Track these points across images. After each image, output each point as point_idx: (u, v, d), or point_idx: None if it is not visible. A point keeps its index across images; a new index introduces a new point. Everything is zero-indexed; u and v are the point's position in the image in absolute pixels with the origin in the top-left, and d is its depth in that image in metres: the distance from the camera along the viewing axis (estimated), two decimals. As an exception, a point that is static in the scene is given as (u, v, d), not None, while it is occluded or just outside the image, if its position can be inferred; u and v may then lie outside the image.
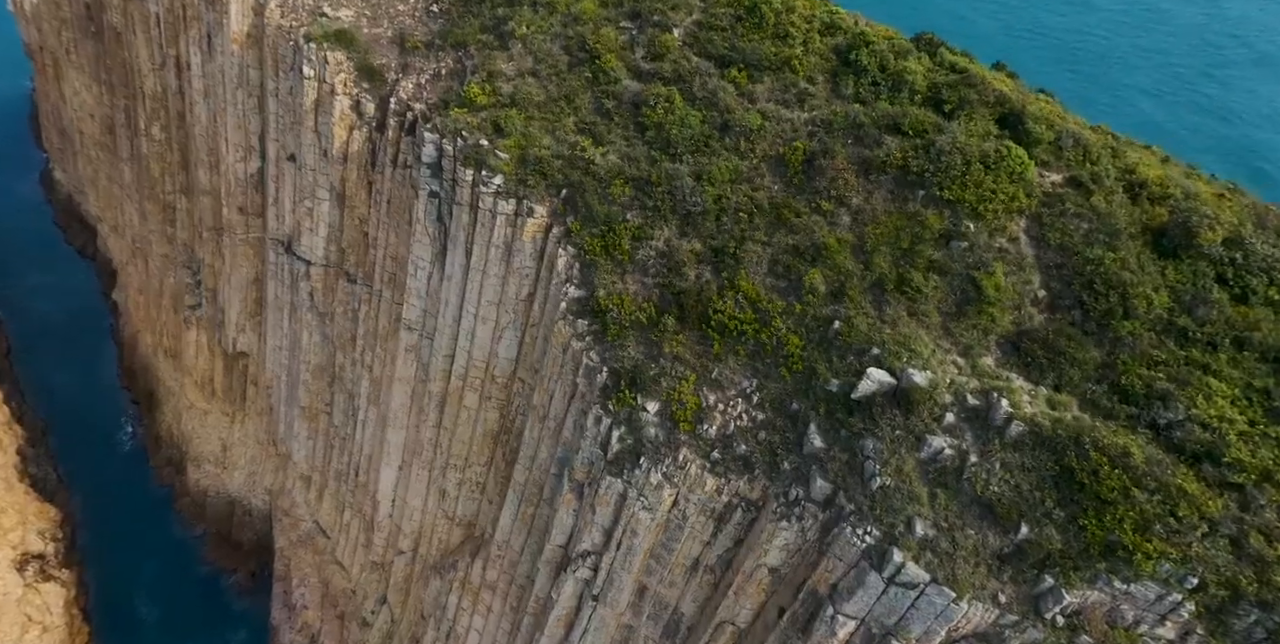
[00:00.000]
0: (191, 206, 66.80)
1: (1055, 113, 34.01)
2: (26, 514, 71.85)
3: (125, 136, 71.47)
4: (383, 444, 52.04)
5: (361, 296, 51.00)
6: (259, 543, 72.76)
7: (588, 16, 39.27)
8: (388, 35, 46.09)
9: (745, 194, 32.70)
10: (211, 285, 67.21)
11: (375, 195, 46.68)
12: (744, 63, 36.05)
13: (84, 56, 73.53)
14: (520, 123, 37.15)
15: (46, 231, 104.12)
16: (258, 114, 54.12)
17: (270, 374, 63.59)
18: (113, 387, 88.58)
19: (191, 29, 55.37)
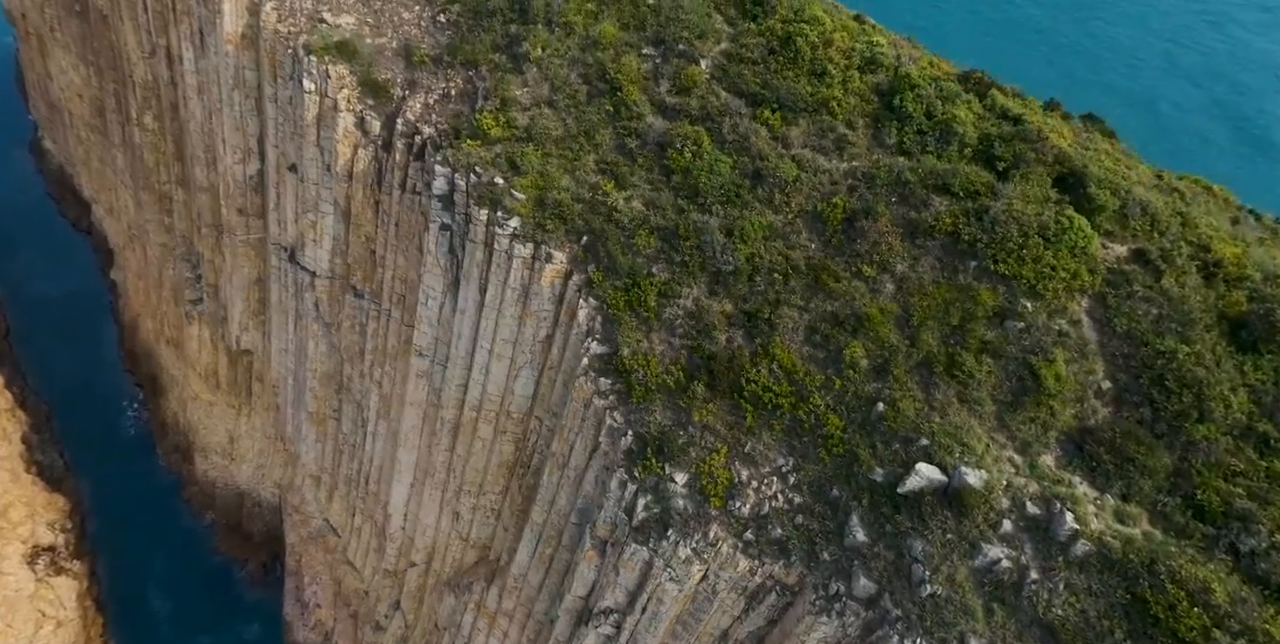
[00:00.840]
0: (189, 199, 64.68)
1: (1118, 172, 31.63)
2: (35, 506, 71.54)
3: (116, 122, 68.90)
4: (394, 460, 51.27)
5: (369, 312, 49.56)
6: (270, 534, 72.70)
7: (607, 41, 36.87)
8: (392, 46, 43.60)
9: (780, 252, 30.97)
10: (212, 281, 65.59)
11: (382, 215, 44.87)
12: (777, 102, 33.80)
13: (69, 35, 70.42)
14: (537, 160, 35.20)
15: (38, 203, 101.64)
16: (255, 116, 51.81)
17: (276, 374, 62.52)
18: (115, 368, 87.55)
19: (182, 23, 52.62)
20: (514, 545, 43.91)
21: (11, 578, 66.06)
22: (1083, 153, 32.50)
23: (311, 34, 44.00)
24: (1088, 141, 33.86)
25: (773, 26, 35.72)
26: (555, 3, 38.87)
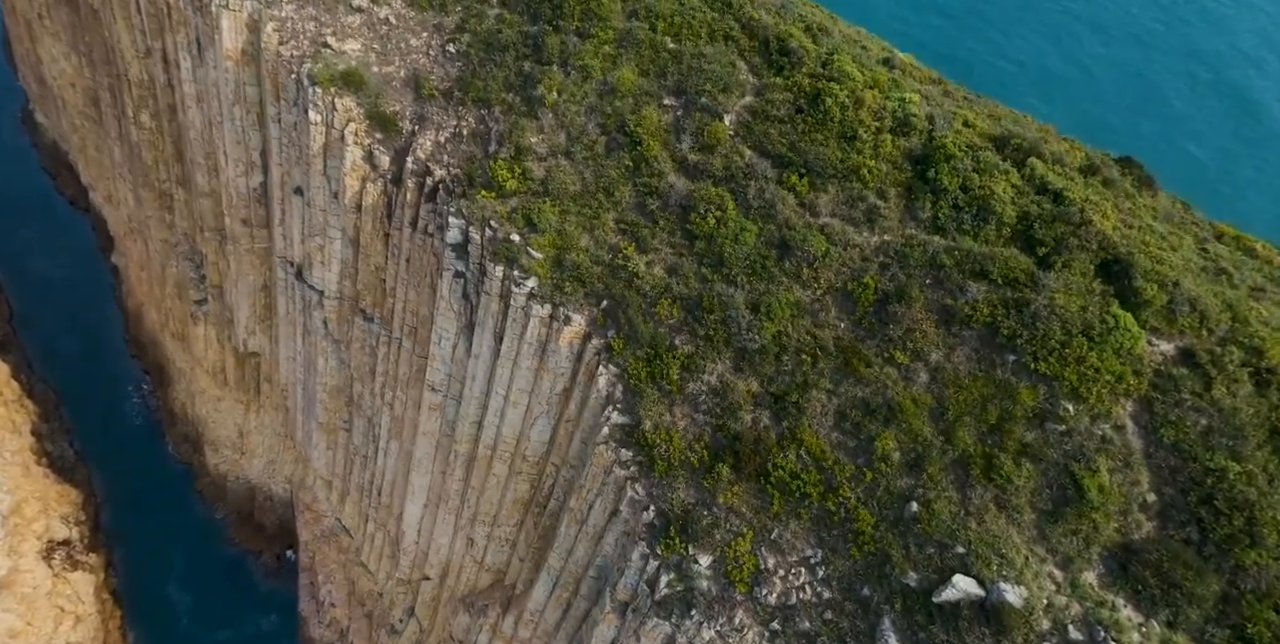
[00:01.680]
0: (190, 199, 63.44)
1: (1164, 259, 30.11)
2: (48, 500, 72.06)
3: (112, 116, 67.12)
4: (406, 480, 51.36)
5: (380, 337, 49.02)
6: (283, 526, 73.44)
7: (626, 88, 35.46)
8: (400, 76, 42.07)
9: (808, 331, 30.29)
10: (217, 282, 64.80)
11: (392, 248, 43.97)
12: (805, 167, 32.59)
13: (59, 24, 68.09)
14: (554, 217, 34.25)
15: (33, 178, 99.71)
16: (258, 130, 50.37)
17: (285, 379, 62.24)
18: (120, 353, 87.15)
19: (179, 32, 50.73)
20: (530, 578, 44.28)
21: (29, 575, 66.89)
22: (1126, 235, 31.10)
23: (315, 61, 42.42)
24: (1130, 212, 32.43)
25: (800, 81, 34.18)
26: (571, 43, 37.32)
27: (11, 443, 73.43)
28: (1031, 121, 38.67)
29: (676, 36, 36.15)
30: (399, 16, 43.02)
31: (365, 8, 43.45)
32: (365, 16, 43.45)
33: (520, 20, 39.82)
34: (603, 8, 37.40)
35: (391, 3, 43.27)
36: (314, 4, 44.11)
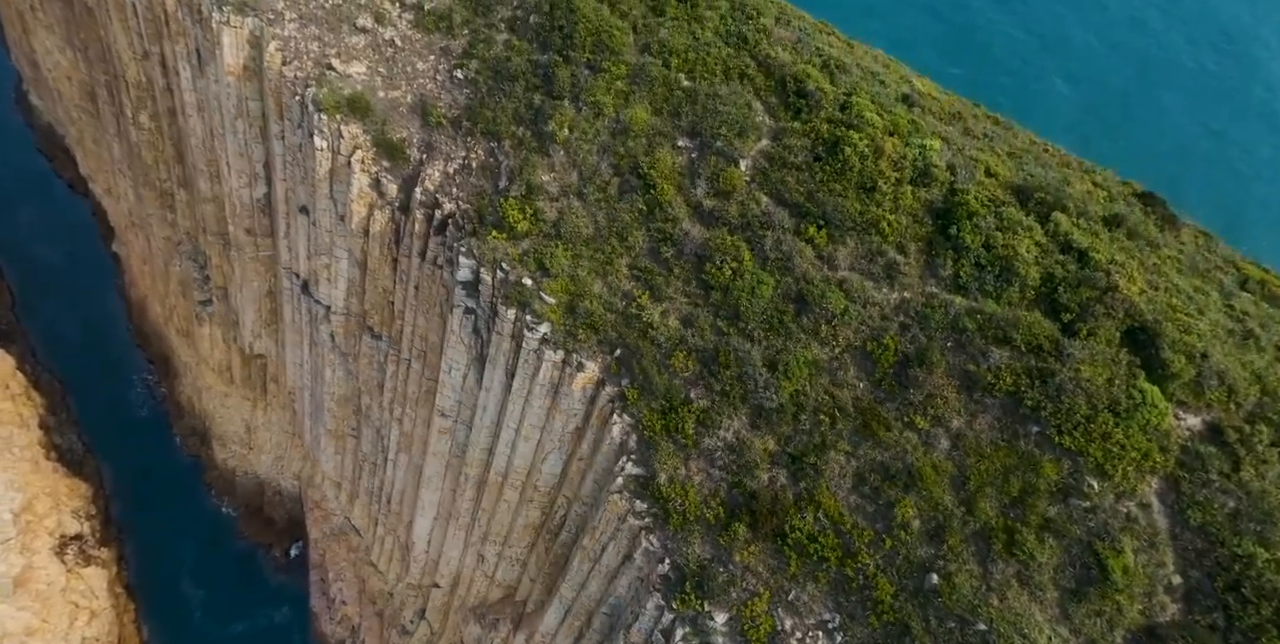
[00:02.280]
0: (192, 201, 62.69)
1: (1191, 327, 29.58)
2: (59, 495, 72.58)
3: (110, 113, 65.95)
4: (416, 494, 51.67)
5: (388, 354, 48.88)
6: (292, 520, 74.10)
7: (639, 127, 34.72)
8: (406, 101, 41.22)
9: (826, 390, 30.09)
10: (221, 284, 64.40)
11: (400, 274, 43.57)
12: (823, 218, 32.02)
13: (52, 17, 66.57)
14: (567, 262, 33.86)
15: (29, 159, 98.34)
16: (260, 144, 49.60)
17: (292, 383, 62.25)
18: (124, 341, 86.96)
19: (177, 42, 49.58)
20: (542, 599, 44.81)
21: (43, 572, 67.64)
22: (1153, 298, 30.52)
23: (320, 85, 41.55)
24: (1156, 269, 31.73)
25: (818, 127, 33.42)
26: (582, 76, 36.48)
27: (20, 438, 73.70)
28: (1054, 154, 37.99)
29: (691, 73, 35.30)
30: (405, 38, 42.01)
31: (370, 28, 42.41)
32: (370, 37, 42.43)
33: (529, 48, 38.89)
34: (614, 40, 36.47)
35: (397, 24, 42.22)
36: (317, 23, 43.05)
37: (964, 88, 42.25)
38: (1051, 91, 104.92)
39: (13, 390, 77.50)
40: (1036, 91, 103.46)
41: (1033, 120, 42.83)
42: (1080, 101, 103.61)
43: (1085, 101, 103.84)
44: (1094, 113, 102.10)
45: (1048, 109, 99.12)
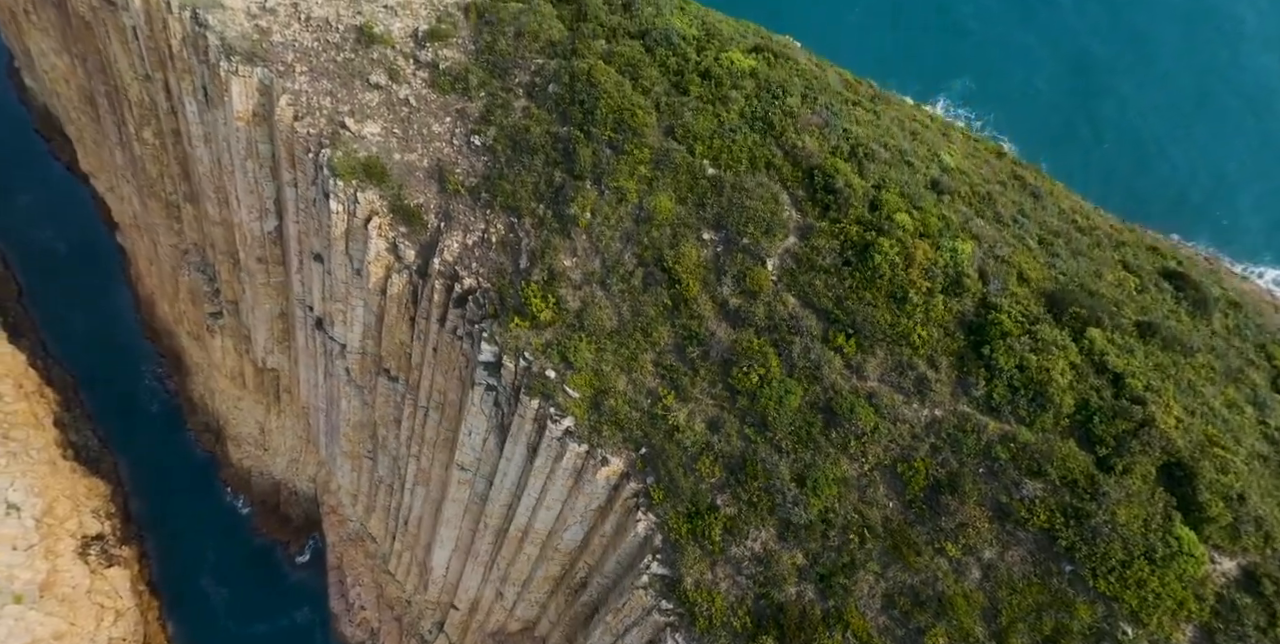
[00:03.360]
0: (199, 216, 61.94)
1: (1228, 464, 29.53)
2: (78, 496, 73.79)
3: (111, 122, 64.53)
4: (435, 526, 52.51)
5: (405, 397, 49.05)
6: (308, 518, 75.48)
7: (663, 216, 34.18)
8: (423, 165, 40.46)
9: (856, 508, 30.35)
10: (231, 298, 64.12)
11: (418, 332, 43.40)
12: (852, 327, 31.73)
13: (48, 21, 64.48)
14: (591, 356, 33.83)
15: (26, 139, 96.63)
16: (271, 181, 48.85)
17: (306, 400, 62.58)
18: (132, 331, 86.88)
19: (183, 79, 48.26)
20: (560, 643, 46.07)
21: (67, 575, 69.28)
22: (1189, 428, 30.28)
23: (335, 146, 40.72)
24: (1190, 388, 31.45)
25: (847, 229, 32.82)
26: (604, 156, 35.74)
27: (37, 439, 74.49)
28: (1082, 222, 37.52)
29: (716, 161, 34.57)
30: (419, 97, 40.96)
31: (384, 85, 41.32)
32: (384, 94, 41.37)
33: (549, 118, 37.98)
34: (636, 119, 35.60)
35: (411, 82, 41.11)
36: (329, 77, 41.93)
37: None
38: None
39: (26, 389, 77.94)
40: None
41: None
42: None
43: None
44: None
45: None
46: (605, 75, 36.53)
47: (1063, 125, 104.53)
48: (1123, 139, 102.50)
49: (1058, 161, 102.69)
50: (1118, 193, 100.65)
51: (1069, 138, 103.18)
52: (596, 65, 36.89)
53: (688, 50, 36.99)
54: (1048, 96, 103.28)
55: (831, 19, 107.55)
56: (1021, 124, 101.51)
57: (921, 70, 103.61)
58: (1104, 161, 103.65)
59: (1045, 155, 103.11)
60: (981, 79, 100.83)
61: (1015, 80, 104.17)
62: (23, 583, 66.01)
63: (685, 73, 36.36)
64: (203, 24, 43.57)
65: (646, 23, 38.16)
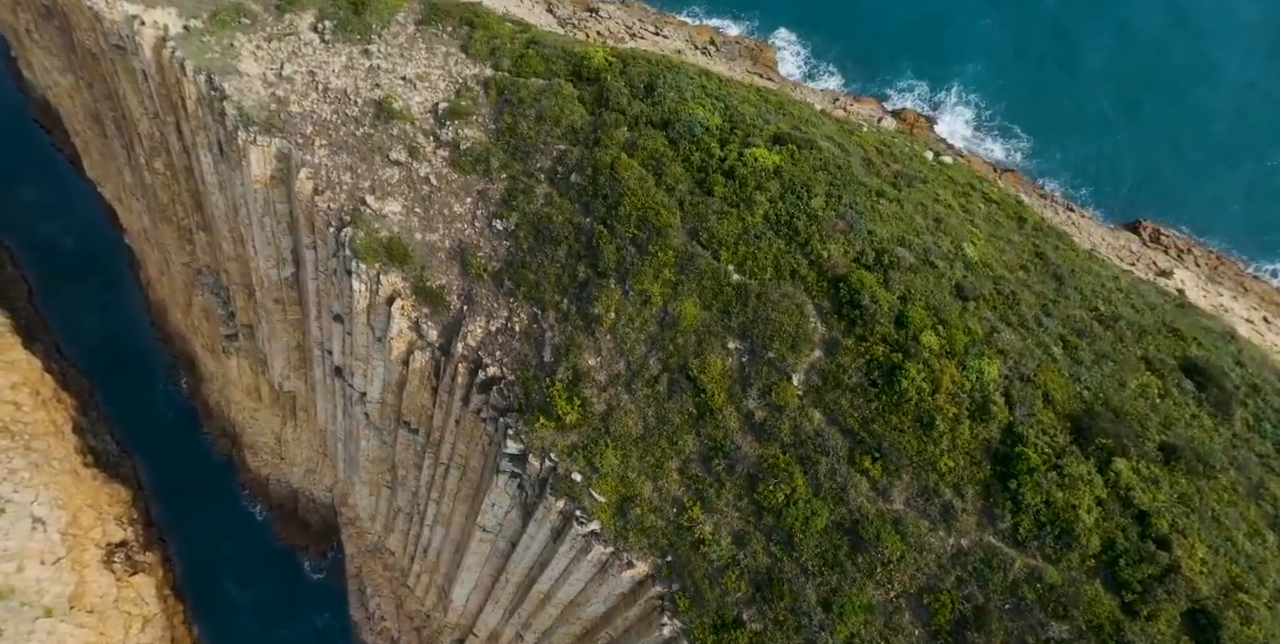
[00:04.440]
0: (212, 242, 61.79)
1: (1252, 612, 29.83)
2: (100, 504, 75.35)
3: (120, 145, 63.80)
4: (456, 565, 53.84)
5: (425, 449, 49.79)
6: (327, 524, 77.15)
7: (688, 323, 34.38)
8: (445, 246, 40.47)
9: (882, 635, 31.19)
10: (247, 321, 64.40)
11: (441, 403, 43.87)
12: (879, 450, 32.18)
13: (51, 42, 63.17)
14: (617, 461, 34.49)
15: (25, 129, 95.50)
16: (289, 235, 48.73)
17: (323, 424, 63.40)
18: (144, 331, 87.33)
19: (198, 134, 47.71)
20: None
21: (94, 585, 71.28)
22: (1213, 569, 30.72)
23: (356, 225, 40.64)
24: (1214, 521, 31.87)
25: (873, 349, 33.00)
26: (628, 255, 35.77)
27: (57, 449, 75.69)
28: (1102, 291, 37.80)
29: (741, 267, 34.61)
30: (439, 176, 40.66)
31: (404, 162, 40.98)
32: (404, 171, 41.07)
33: (571, 207, 37.83)
34: (661, 219, 35.50)
35: (431, 160, 40.75)
36: (349, 151, 41.57)
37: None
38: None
39: (43, 395, 78.79)
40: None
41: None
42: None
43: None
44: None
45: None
46: (629, 170, 36.28)
47: (1075, 114, 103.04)
48: (1137, 129, 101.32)
49: (1070, 151, 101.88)
50: (1129, 184, 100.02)
51: (1082, 127, 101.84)
52: (620, 158, 36.61)
53: (711, 144, 36.64)
54: (1061, 84, 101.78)
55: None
56: (1033, 113, 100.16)
57: (936, 52, 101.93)
58: (1117, 152, 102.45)
59: (1057, 145, 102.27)
60: (994, 64, 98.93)
61: (1028, 68, 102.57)
62: (53, 596, 67.96)
63: (709, 171, 36.09)
64: (218, 89, 42.97)
65: (669, 111, 37.69)
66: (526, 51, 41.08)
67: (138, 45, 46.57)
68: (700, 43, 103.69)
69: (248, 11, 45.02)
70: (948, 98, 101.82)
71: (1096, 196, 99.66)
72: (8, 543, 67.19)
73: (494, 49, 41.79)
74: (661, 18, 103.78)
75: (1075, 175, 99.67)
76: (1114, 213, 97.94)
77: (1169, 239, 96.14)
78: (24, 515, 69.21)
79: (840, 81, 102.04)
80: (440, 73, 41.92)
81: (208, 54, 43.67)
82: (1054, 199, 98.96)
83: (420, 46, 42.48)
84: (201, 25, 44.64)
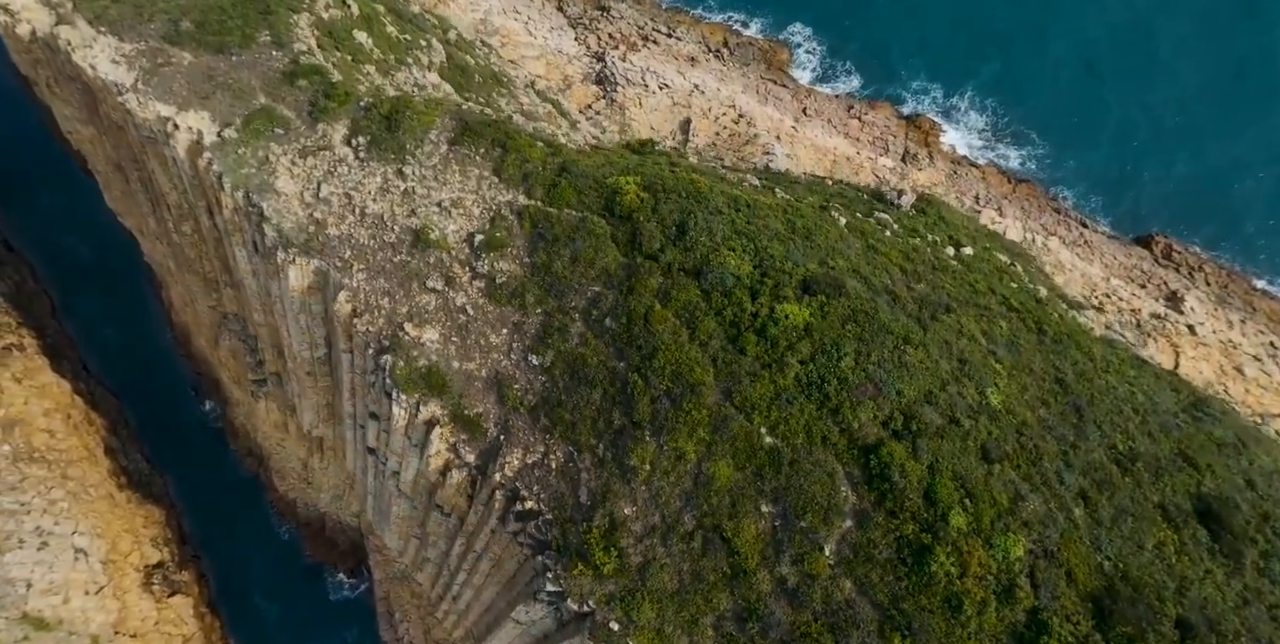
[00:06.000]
0: (240, 298, 62.80)
1: None
2: (136, 528, 78.27)
3: (144, 198, 64.11)
4: (488, 635, 56.57)
5: (459, 533, 51.84)
6: (354, 544, 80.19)
7: (721, 483, 35.99)
8: (482, 375, 41.78)
9: None
10: (276, 371, 65.88)
11: (476, 512, 45.67)
12: (908, 628, 34.00)
13: (72, 98, 62.84)
14: (653, 615, 36.49)
15: (37, 135, 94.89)
16: (322, 327, 49.87)
17: (352, 473, 65.44)
18: (168, 343, 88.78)
19: (234, 234, 48.39)
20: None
21: (136, 609, 74.70)
22: None
23: (396, 354, 41.86)
24: None
25: (903, 527, 34.62)
26: (662, 409, 37.15)
27: (92, 475, 78.17)
28: (1130, 429, 39.00)
29: (774, 430, 35.99)
30: (476, 306, 41.67)
31: (440, 290, 41.92)
32: (440, 299, 42.04)
33: (606, 350, 39.02)
34: (694, 375, 36.75)
35: (468, 290, 41.68)
36: (386, 277, 42.48)
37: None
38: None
39: (75, 419, 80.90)
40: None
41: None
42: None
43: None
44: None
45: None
46: (663, 323, 37.35)
47: (1089, 123, 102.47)
48: (1150, 139, 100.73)
49: (1084, 159, 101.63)
50: (1140, 196, 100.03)
51: (1097, 133, 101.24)
52: (654, 309, 37.63)
53: (743, 298, 37.59)
54: (1077, 89, 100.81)
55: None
56: (1049, 118, 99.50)
57: (950, 56, 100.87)
58: (1128, 162, 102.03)
59: (1072, 153, 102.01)
60: (1011, 65, 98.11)
61: (1044, 71, 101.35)
62: (98, 625, 71.36)
63: (741, 328, 37.16)
64: (256, 207, 43.58)
65: (701, 257, 38.49)
66: (559, 180, 41.58)
67: (172, 147, 46.92)
68: (713, 44, 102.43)
69: (280, 118, 45.27)
70: (961, 102, 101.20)
71: (1110, 206, 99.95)
72: (53, 576, 70.18)
73: (526, 174, 42.27)
74: (673, 16, 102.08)
75: (1090, 185, 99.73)
76: (1127, 224, 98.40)
77: (1180, 255, 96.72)
78: (66, 547, 72.08)
79: (857, 83, 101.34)
80: (474, 198, 42.50)
81: (244, 169, 44.12)
82: (1067, 214, 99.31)
83: (454, 168, 42.93)
84: (235, 134, 44.96)
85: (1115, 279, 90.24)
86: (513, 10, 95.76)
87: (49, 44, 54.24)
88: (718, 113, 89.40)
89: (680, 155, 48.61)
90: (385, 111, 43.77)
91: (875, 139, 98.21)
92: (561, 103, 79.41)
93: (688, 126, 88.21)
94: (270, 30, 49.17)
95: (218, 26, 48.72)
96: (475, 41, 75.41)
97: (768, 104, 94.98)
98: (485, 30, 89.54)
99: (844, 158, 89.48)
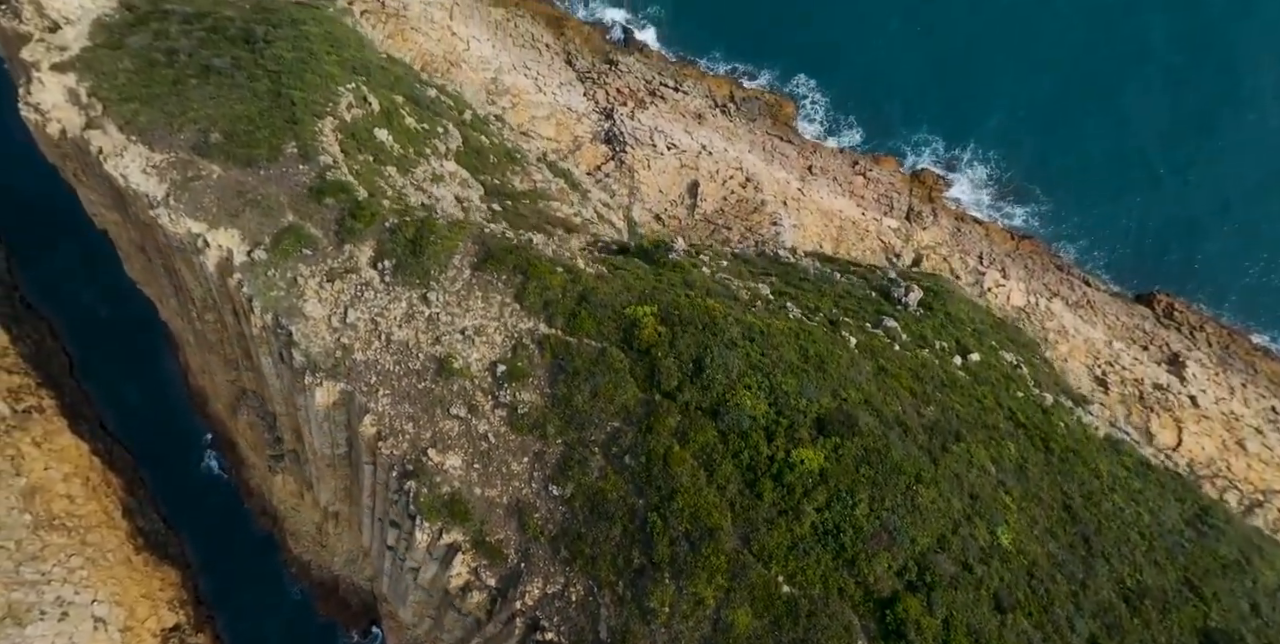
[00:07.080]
0: (260, 383, 64.04)
1: None
2: (153, 591, 79.58)
3: (169, 282, 65.34)
4: (502, 716, 57.93)
5: (476, 634, 53.10)
6: (367, 606, 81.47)
7: (740, 631, 37.23)
8: (503, 503, 42.99)
9: None
10: (294, 449, 67.13)
11: (495, 626, 46.90)
12: None
13: (98, 186, 64.08)
14: (676, 762, 37.63)
15: (56, 191, 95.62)
16: (344, 432, 51.10)
17: (369, 551, 66.63)
18: (182, 400, 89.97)
19: (261, 345, 49.66)
20: None
21: (154, 675, 75.96)
22: None
23: (420, 479, 43.06)
24: None
25: None
26: (681, 553, 38.36)
27: (110, 539, 79.48)
28: (1138, 562, 40.11)
29: (791, 579, 37.23)
30: (498, 434, 42.92)
31: (464, 417, 43.16)
32: (463, 425, 43.29)
33: (625, 486, 40.25)
34: (713, 519, 38.00)
35: (490, 418, 42.93)
36: (410, 402, 43.72)
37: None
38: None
39: (93, 482, 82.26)
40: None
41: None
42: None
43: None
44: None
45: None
46: (681, 464, 38.60)
47: (1094, 175, 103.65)
48: (1156, 192, 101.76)
49: (1087, 214, 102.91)
50: (1146, 250, 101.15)
51: (1099, 188, 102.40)
52: (673, 450, 38.89)
53: (759, 441, 38.86)
54: (1079, 144, 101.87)
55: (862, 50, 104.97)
56: (1052, 173, 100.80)
57: (952, 107, 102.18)
58: (1135, 215, 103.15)
59: (1075, 208, 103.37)
60: (1014, 119, 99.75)
61: (1047, 125, 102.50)
62: (116, 692, 72.77)
63: (758, 472, 38.43)
64: (284, 330, 44.80)
65: (718, 396, 39.74)
66: (579, 310, 42.83)
67: (202, 262, 48.18)
68: (720, 98, 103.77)
69: (308, 237, 46.52)
70: (964, 153, 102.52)
71: (1112, 263, 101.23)
72: (73, 646, 71.55)
73: (547, 302, 43.53)
74: (680, 70, 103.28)
75: (1093, 241, 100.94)
76: (1129, 279, 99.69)
77: (1182, 315, 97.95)
78: (86, 617, 73.42)
79: (860, 136, 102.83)
80: (496, 325, 43.73)
81: (273, 291, 45.37)
82: (1070, 271, 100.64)
83: (477, 294, 44.18)
84: (265, 255, 46.19)
85: (1118, 342, 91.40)
86: (522, 66, 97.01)
87: (79, 145, 55.52)
88: (725, 176, 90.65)
89: (693, 263, 49.75)
90: (410, 235, 45.00)
91: (880, 197, 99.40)
92: (572, 173, 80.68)
93: (695, 190, 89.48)
94: (297, 140, 50.38)
95: (246, 138, 49.91)
96: (489, 117, 76.63)
97: (774, 163, 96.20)
98: (496, 90, 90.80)
99: (849, 222, 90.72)
